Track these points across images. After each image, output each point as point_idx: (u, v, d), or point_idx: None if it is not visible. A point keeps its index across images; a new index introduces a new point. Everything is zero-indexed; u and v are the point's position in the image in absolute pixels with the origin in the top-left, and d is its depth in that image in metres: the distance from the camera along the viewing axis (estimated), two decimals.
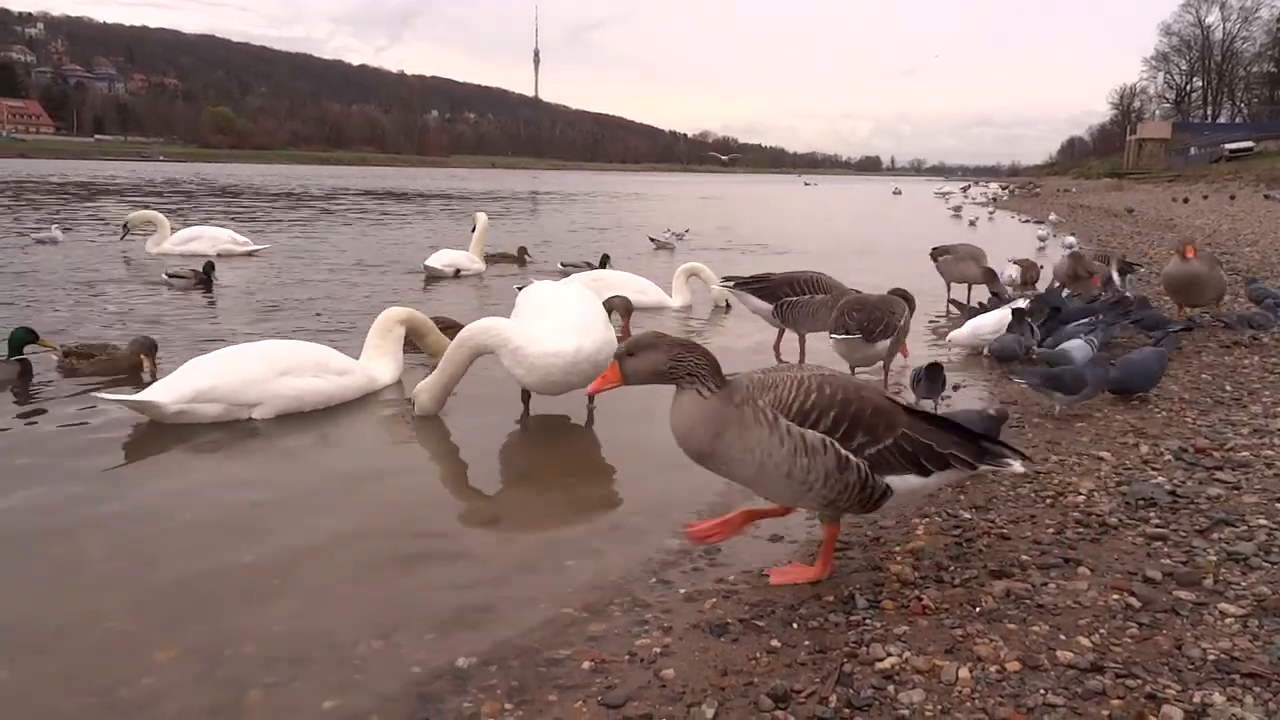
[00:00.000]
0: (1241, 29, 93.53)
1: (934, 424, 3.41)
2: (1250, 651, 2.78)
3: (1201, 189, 41.08)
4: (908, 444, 3.28)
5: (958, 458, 3.34)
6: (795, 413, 3.23)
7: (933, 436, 3.33)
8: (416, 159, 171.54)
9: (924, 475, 3.33)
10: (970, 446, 3.39)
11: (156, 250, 14.66)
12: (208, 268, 11.26)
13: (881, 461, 3.27)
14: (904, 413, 3.36)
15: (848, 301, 6.66)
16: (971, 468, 3.39)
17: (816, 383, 3.31)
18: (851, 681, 2.70)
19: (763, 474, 3.26)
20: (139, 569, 3.65)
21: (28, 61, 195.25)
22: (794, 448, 3.21)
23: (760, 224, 29.81)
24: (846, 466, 3.23)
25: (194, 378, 5.52)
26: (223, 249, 14.61)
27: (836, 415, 3.24)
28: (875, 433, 3.27)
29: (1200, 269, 8.30)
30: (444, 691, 2.82)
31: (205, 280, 11.18)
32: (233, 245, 14.82)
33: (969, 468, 3.39)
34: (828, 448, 3.22)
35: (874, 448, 3.26)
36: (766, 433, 3.21)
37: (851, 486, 3.26)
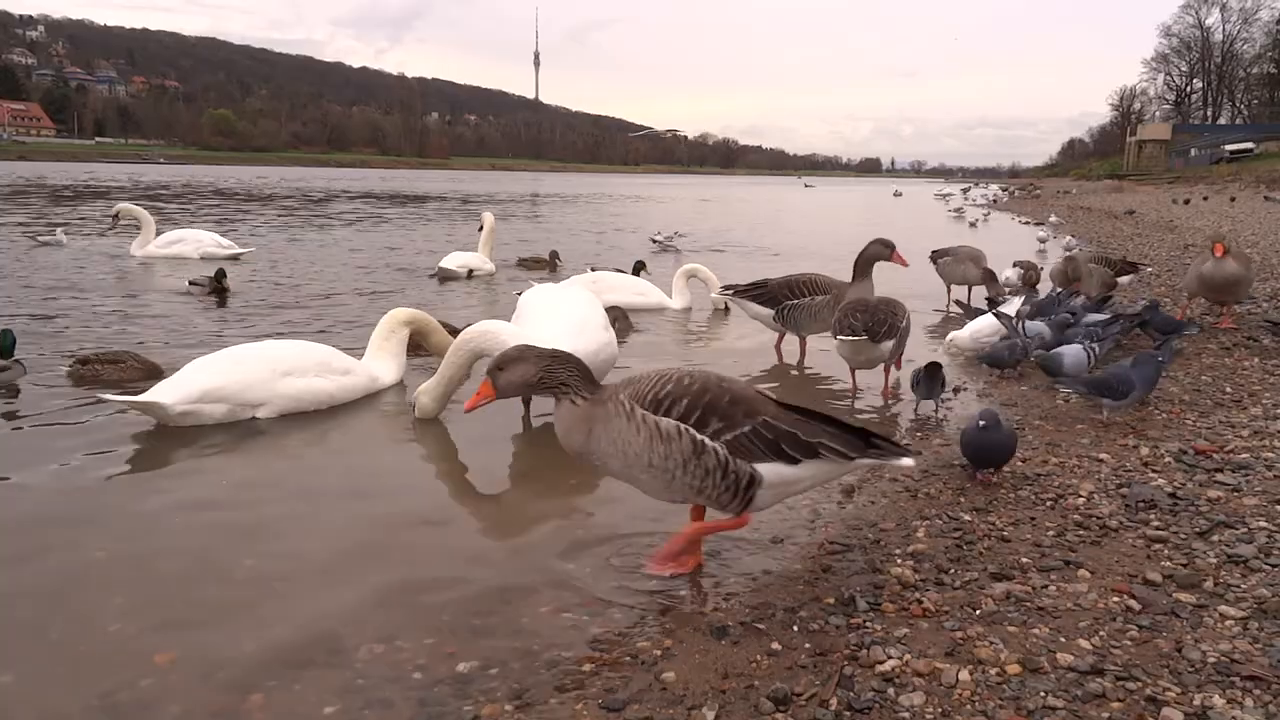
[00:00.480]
0: (1241, 30, 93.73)
1: (807, 416, 3.45)
2: (1250, 654, 2.78)
3: (1202, 190, 41.09)
4: (768, 431, 3.33)
5: (828, 446, 3.36)
6: (650, 402, 3.34)
7: (799, 426, 3.37)
8: (417, 161, 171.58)
9: (792, 463, 3.35)
10: (846, 438, 3.40)
11: (141, 253, 14.55)
12: (219, 275, 11.06)
13: (740, 447, 3.32)
14: (774, 405, 3.43)
15: (851, 303, 6.67)
16: (846, 458, 3.39)
17: (676, 375, 3.43)
18: (852, 684, 2.70)
19: (630, 466, 3.38)
20: (140, 571, 3.66)
21: (29, 64, 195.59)
22: (650, 435, 3.31)
23: (761, 226, 29.81)
24: (703, 450, 3.29)
25: (198, 378, 5.54)
26: (206, 252, 14.49)
27: (690, 402, 3.33)
28: (732, 419, 3.32)
29: (1238, 269, 8.27)
30: (445, 695, 2.82)
31: (219, 288, 10.91)
32: (216, 248, 14.67)
33: (844, 458, 3.39)
34: (682, 434, 3.30)
35: (730, 433, 3.31)
36: (624, 423, 3.33)
37: (712, 471, 3.31)
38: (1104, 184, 65.21)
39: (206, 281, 10.89)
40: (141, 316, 9.34)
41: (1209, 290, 8.54)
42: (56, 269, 12.79)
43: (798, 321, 7.69)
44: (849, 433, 3.44)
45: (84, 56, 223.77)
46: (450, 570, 3.73)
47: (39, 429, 5.47)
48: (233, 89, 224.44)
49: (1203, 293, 8.65)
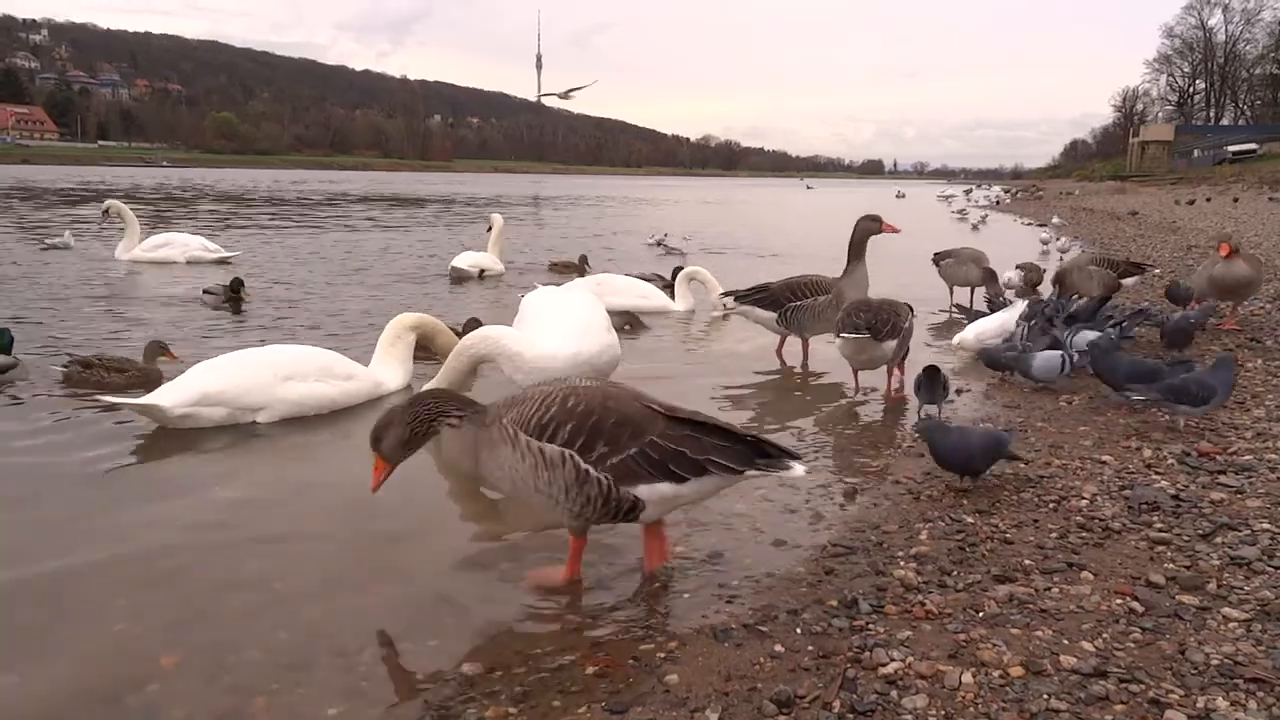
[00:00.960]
0: (1244, 31, 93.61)
1: (698, 430, 3.37)
2: (1254, 656, 2.78)
3: (1205, 191, 41.03)
4: (655, 451, 3.28)
5: (716, 463, 3.31)
6: (534, 427, 3.31)
7: (688, 443, 3.31)
8: (419, 163, 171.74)
9: (678, 482, 3.32)
10: (736, 451, 3.35)
11: (127, 256, 14.31)
12: (236, 284, 10.62)
13: (626, 471, 3.28)
14: (663, 420, 3.35)
15: (854, 303, 6.68)
16: (736, 473, 3.35)
17: (561, 395, 3.37)
18: (855, 686, 2.70)
19: (518, 489, 3.39)
20: (144, 575, 3.66)
21: (32, 68, 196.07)
22: (535, 463, 3.29)
23: (763, 228, 29.80)
24: (586, 480, 3.27)
25: (198, 381, 5.55)
26: (193, 256, 14.36)
27: (574, 427, 3.28)
28: (617, 442, 3.28)
29: (1248, 270, 8.25)
30: (449, 698, 2.82)
31: (235, 298, 10.48)
32: (203, 252, 14.50)
33: (733, 473, 3.35)
34: (566, 461, 3.27)
35: (616, 457, 3.27)
36: (510, 449, 3.33)
37: (594, 500, 3.29)
38: (1107, 185, 65.15)
39: (221, 290, 10.54)
40: (153, 322, 9.34)
41: (1219, 292, 8.52)
42: (63, 272, 12.81)
43: (801, 323, 7.68)
44: (740, 444, 3.37)
45: (87, 60, 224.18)
46: (453, 573, 3.74)
47: (40, 431, 5.48)
48: (235, 92, 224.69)
49: (1212, 294, 8.63)
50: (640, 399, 3.43)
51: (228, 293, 10.41)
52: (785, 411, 6.43)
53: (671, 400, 3.49)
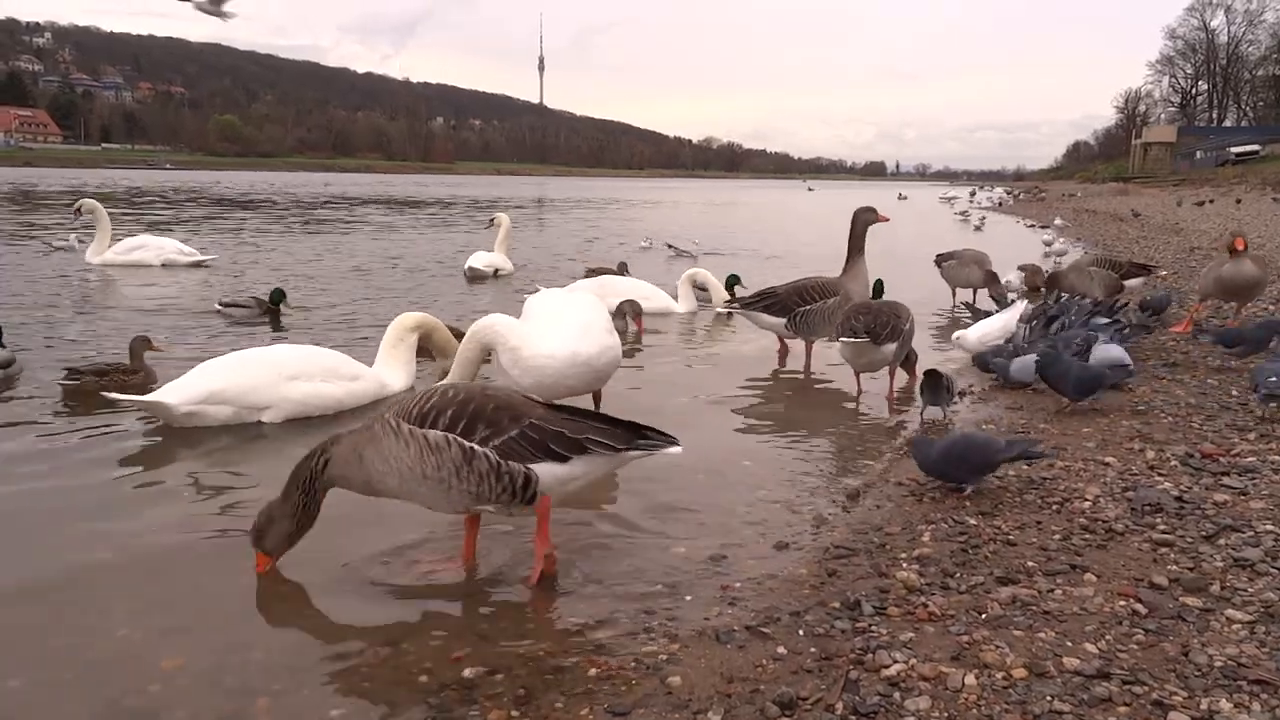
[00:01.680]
0: (1247, 32, 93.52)
1: (575, 415, 3.60)
2: (1257, 658, 2.78)
3: (1208, 193, 40.99)
4: (535, 432, 3.46)
5: (595, 440, 3.50)
6: (415, 416, 3.48)
7: (567, 424, 3.52)
8: (421, 166, 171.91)
9: (562, 461, 3.49)
10: (614, 432, 3.56)
11: (98, 260, 13.93)
12: (276, 296, 9.75)
13: (510, 451, 3.45)
14: (541, 408, 3.57)
15: (853, 305, 6.68)
16: (615, 450, 3.54)
17: (441, 389, 3.58)
18: (857, 688, 2.70)
19: (405, 481, 3.48)
20: (147, 576, 3.67)
21: (35, 70, 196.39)
22: (420, 448, 3.43)
23: (764, 230, 29.80)
24: (474, 456, 3.42)
25: (204, 380, 5.56)
26: (168, 259, 14.06)
27: (454, 413, 3.46)
28: (498, 425, 3.46)
29: (1256, 271, 8.23)
30: (451, 700, 2.82)
31: (273, 310, 9.66)
32: (179, 255, 14.19)
33: (613, 451, 3.53)
34: (451, 443, 3.43)
35: (499, 439, 3.45)
36: (393, 440, 3.47)
37: (486, 475, 3.43)
38: (1109, 187, 65.08)
39: (254, 303, 9.69)
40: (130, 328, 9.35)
41: (1226, 292, 8.49)
42: (68, 275, 12.84)
43: (811, 326, 7.67)
44: (618, 426, 3.59)
45: (90, 63, 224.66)
46: (455, 574, 3.74)
47: (43, 431, 5.48)
48: (238, 95, 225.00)
49: (1219, 294, 8.60)
50: (519, 393, 3.67)
51: (264, 305, 9.65)
52: (787, 413, 6.42)
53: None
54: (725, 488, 4.76)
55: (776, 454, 5.46)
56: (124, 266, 13.80)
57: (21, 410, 5.94)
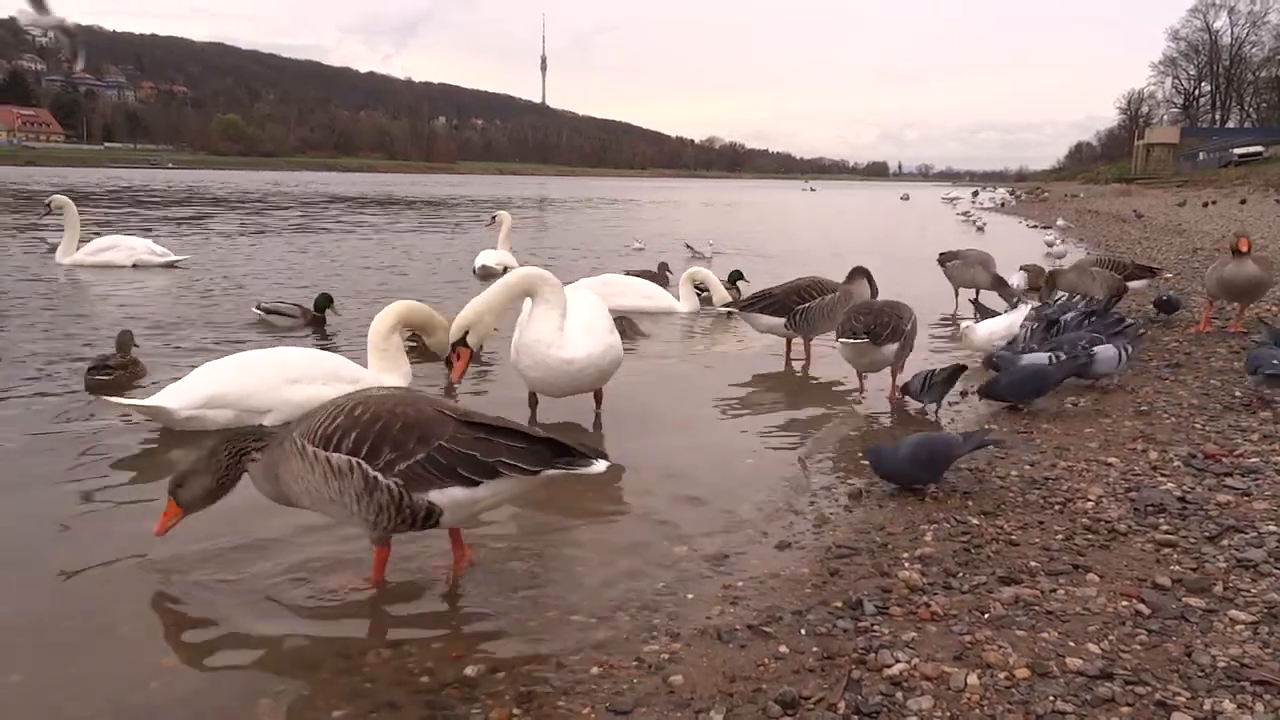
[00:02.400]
0: (1250, 34, 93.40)
1: (491, 433, 3.35)
2: (1261, 659, 2.77)
3: (1210, 194, 40.94)
4: (443, 456, 3.27)
5: (508, 464, 3.29)
6: (320, 438, 3.32)
7: (479, 446, 3.29)
8: (424, 165, 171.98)
9: (470, 486, 3.30)
10: (529, 452, 3.33)
11: (68, 260, 13.51)
12: (322, 302, 9.05)
13: (416, 477, 3.27)
14: (454, 424, 3.33)
15: (855, 306, 6.67)
16: (531, 473, 3.33)
17: (350, 404, 3.40)
18: (859, 688, 2.70)
19: (317, 502, 3.40)
20: (148, 575, 3.66)
21: (38, 70, 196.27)
22: (324, 472, 3.31)
23: (766, 231, 29.80)
24: (376, 487, 3.27)
25: (205, 383, 5.51)
26: (140, 259, 13.69)
27: (359, 435, 3.29)
28: (404, 448, 3.27)
29: (1258, 271, 8.21)
30: (453, 699, 2.82)
31: (318, 320, 8.99)
32: (150, 256, 13.80)
33: (527, 474, 3.32)
34: (354, 469, 3.27)
35: (404, 463, 3.26)
36: (299, 461, 3.35)
37: (386, 508, 3.29)
38: (1112, 188, 65.02)
39: (298, 310, 9.08)
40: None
41: (1228, 292, 8.50)
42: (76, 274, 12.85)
43: (812, 323, 7.67)
44: (535, 445, 3.36)
45: (93, 62, 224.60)
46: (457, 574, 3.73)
47: (46, 431, 5.48)
48: (241, 94, 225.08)
49: (1221, 294, 8.61)
50: (436, 405, 3.42)
51: (309, 314, 8.99)
52: (789, 412, 6.42)
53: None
54: (727, 487, 4.76)
55: (778, 453, 5.45)
56: (94, 268, 13.32)
57: (21, 408, 5.95)
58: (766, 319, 7.83)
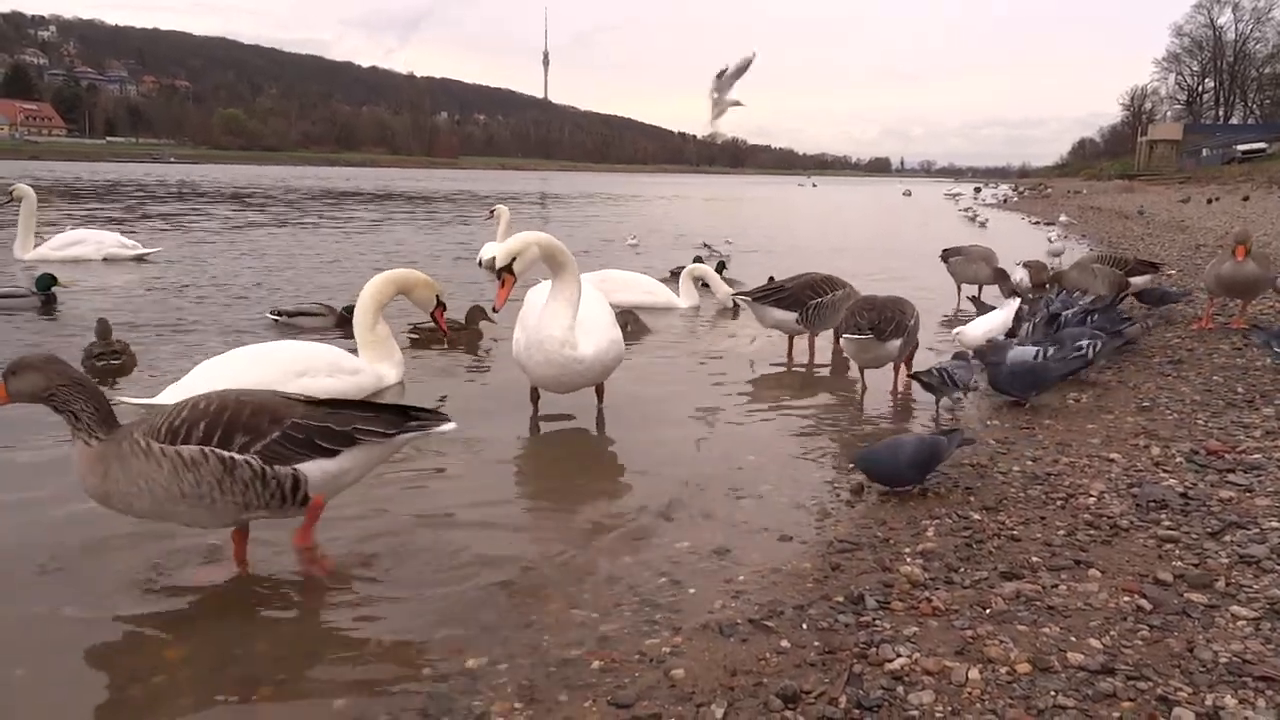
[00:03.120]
0: (1254, 30, 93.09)
1: (342, 408, 3.54)
2: (1263, 654, 2.77)
3: (1214, 190, 40.87)
4: (299, 431, 3.38)
5: (363, 430, 3.46)
6: (166, 434, 3.32)
7: (332, 419, 3.45)
8: (426, 160, 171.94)
9: (331, 456, 3.43)
10: (383, 418, 3.53)
11: (30, 255, 13.06)
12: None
13: (274, 454, 3.36)
14: (303, 406, 3.49)
15: (858, 302, 6.66)
16: (386, 436, 3.51)
17: (194, 401, 3.43)
18: (861, 682, 2.70)
19: (160, 503, 3.35)
20: (151, 567, 3.67)
21: (40, 64, 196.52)
22: (173, 467, 3.29)
23: (773, 229, 29.78)
24: (235, 466, 3.31)
25: (212, 378, 5.50)
26: (109, 253, 13.52)
27: (208, 425, 3.33)
28: (257, 430, 3.36)
29: (1257, 270, 8.19)
30: (454, 691, 2.82)
31: (346, 319, 8.00)
32: (120, 249, 13.60)
33: (384, 437, 3.51)
34: (208, 456, 3.30)
35: (260, 443, 3.35)
36: (144, 461, 3.29)
37: (252, 483, 3.34)
38: (1115, 184, 64.93)
39: (326, 309, 8.72)
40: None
41: (1227, 290, 8.49)
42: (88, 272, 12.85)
43: (824, 318, 7.66)
44: (384, 412, 3.56)
45: (95, 56, 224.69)
46: (458, 568, 3.74)
47: (46, 425, 5.48)
48: (243, 88, 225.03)
49: (1221, 292, 8.61)
50: (281, 394, 3.56)
51: (337, 314, 8.62)
52: (791, 407, 6.41)
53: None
54: (728, 481, 4.76)
55: (780, 448, 5.45)
56: (61, 262, 12.82)
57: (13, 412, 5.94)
58: (778, 312, 7.80)
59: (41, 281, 9.37)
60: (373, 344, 6.57)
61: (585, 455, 5.52)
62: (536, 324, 5.46)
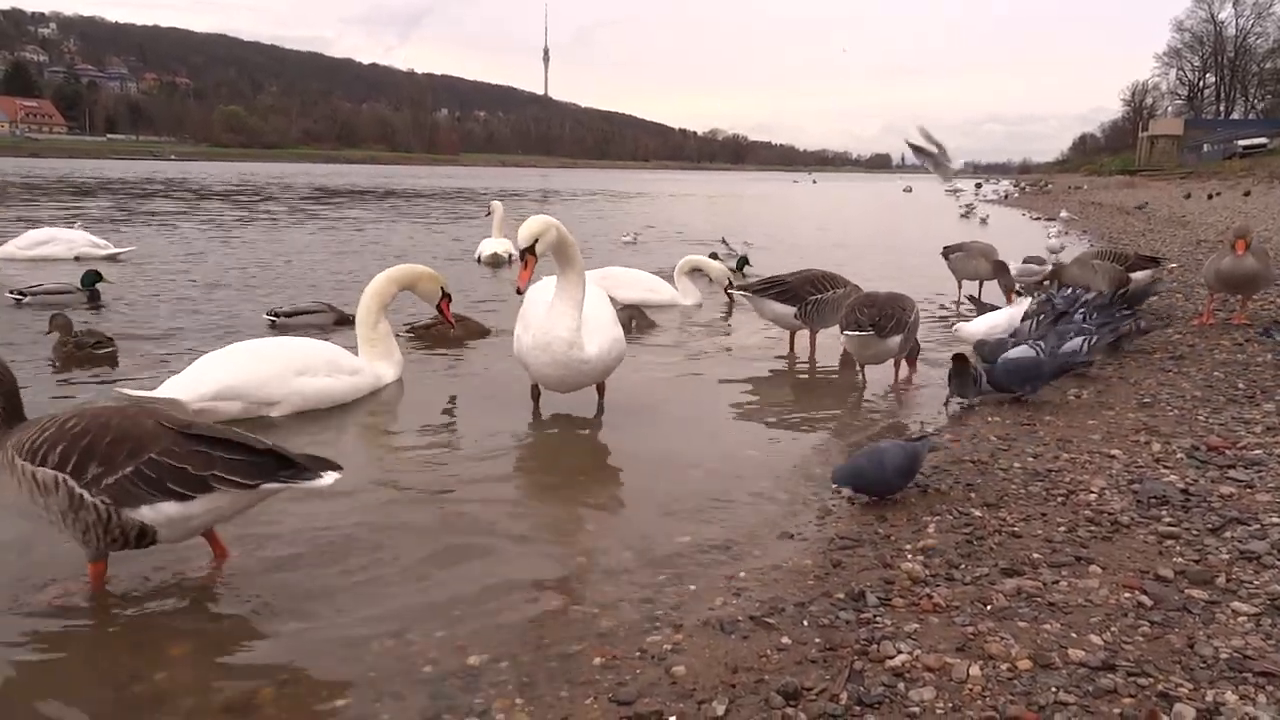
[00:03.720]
0: (1255, 25, 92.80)
1: (211, 445, 3.26)
2: (1263, 650, 2.77)
3: (1214, 185, 40.80)
4: (153, 470, 3.17)
5: (221, 478, 3.21)
6: (28, 451, 3.18)
7: (193, 459, 3.21)
8: (426, 157, 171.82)
9: (183, 500, 3.21)
10: (248, 465, 3.25)
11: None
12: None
13: (124, 493, 3.16)
14: (171, 436, 3.24)
15: (858, 298, 6.67)
16: (248, 487, 3.25)
17: (65, 416, 3.26)
18: (862, 679, 2.70)
19: (29, 514, 3.26)
20: (152, 565, 3.67)
21: (41, 61, 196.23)
22: (30, 488, 3.16)
23: (777, 226, 29.76)
24: (81, 506, 3.14)
25: (215, 374, 5.50)
26: (81, 252, 13.21)
27: (65, 449, 3.15)
28: (112, 462, 3.16)
29: (1256, 265, 8.18)
30: (456, 689, 2.83)
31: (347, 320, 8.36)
32: (91, 248, 13.35)
33: (244, 488, 3.25)
34: (60, 485, 3.14)
35: (111, 477, 3.15)
36: (8, 475, 3.20)
37: (93, 528, 3.17)
38: (1116, 179, 64.83)
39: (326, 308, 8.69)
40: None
41: (1226, 285, 8.48)
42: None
43: (822, 315, 7.66)
44: (256, 457, 3.28)
45: (95, 53, 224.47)
46: (459, 566, 3.74)
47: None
48: (243, 85, 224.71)
49: (1219, 287, 8.59)
50: (156, 416, 3.32)
51: (340, 314, 8.66)
52: (792, 404, 6.42)
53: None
54: (730, 478, 4.76)
55: (781, 445, 5.45)
56: (29, 261, 12.66)
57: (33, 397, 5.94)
58: (777, 306, 7.79)
59: (87, 278, 9.68)
60: (373, 341, 6.59)
61: (586, 451, 5.52)
62: (543, 325, 5.45)
